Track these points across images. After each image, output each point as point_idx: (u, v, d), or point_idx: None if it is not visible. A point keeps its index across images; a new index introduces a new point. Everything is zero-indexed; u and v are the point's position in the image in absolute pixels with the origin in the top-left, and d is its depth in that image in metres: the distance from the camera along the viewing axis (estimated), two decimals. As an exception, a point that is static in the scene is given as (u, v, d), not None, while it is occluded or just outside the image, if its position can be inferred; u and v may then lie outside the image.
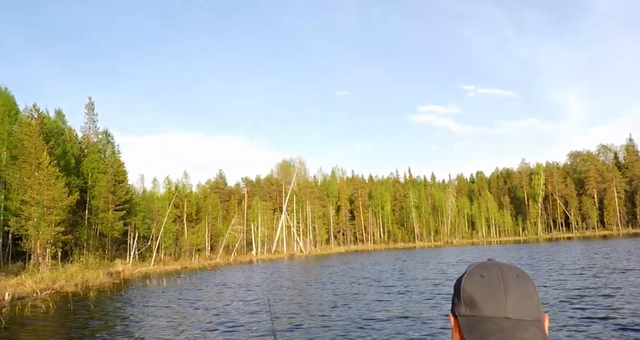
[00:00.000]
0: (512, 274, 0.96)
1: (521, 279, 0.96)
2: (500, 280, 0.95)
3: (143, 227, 56.88)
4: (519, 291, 0.94)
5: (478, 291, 0.95)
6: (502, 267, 0.98)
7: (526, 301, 0.93)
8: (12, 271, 34.16)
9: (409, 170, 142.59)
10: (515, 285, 0.94)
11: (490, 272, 0.97)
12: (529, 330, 0.89)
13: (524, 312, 0.92)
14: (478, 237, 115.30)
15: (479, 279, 0.97)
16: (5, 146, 43.42)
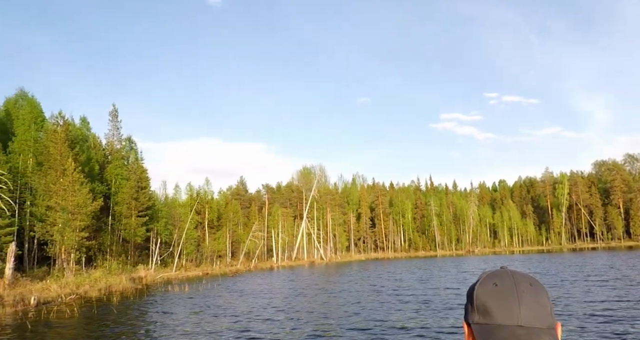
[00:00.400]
0: (526, 283, 0.96)
1: (534, 287, 0.96)
2: (513, 288, 0.95)
3: (165, 233, 57.33)
4: (532, 299, 0.93)
5: (491, 299, 0.95)
6: (515, 275, 0.98)
7: (539, 309, 0.93)
8: (38, 276, 34.65)
9: (430, 178, 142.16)
10: (528, 293, 0.94)
11: (503, 280, 0.97)
12: (542, 338, 0.89)
13: (537, 321, 0.91)
14: (500, 247, 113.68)
15: (492, 287, 0.97)
16: (32, 153, 44.23)
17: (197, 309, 19.93)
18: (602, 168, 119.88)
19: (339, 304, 19.13)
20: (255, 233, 69.96)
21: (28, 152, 44.20)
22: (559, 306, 15.62)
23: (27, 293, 24.78)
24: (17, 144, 43.72)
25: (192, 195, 76.31)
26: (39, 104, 50.22)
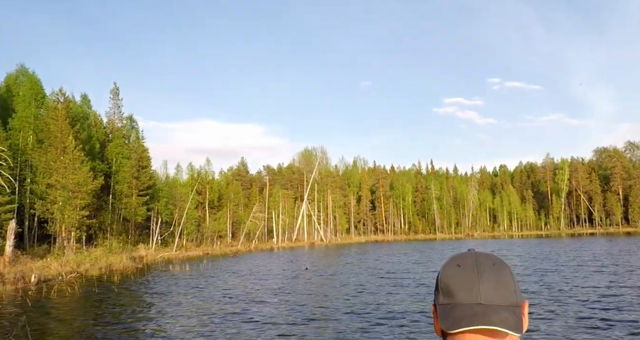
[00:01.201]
0: (488, 262, 0.98)
1: (497, 267, 0.97)
2: (474, 268, 0.96)
3: (166, 212, 57.28)
4: (493, 278, 0.95)
5: (453, 280, 0.96)
6: (479, 256, 1.00)
7: (500, 287, 0.94)
8: (38, 254, 34.61)
9: (431, 162, 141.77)
10: (489, 272, 0.96)
11: (466, 261, 0.99)
12: (501, 314, 0.90)
13: (498, 298, 0.93)
14: (499, 231, 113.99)
15: (455, 268, 0.98)
16: (32, 130, 43.90)
17: (197, 289, 19.85)
18: (602, 155, 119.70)
19: (336, 287, 19.04)
20: (256, 214, 69.97)
21: (28, 129, 43.86)
22: (552, 291, 15.50)
23: (28, 271, 24.72)
24: (17, 121, 43.36)
25: (193, 175, 76.17)
26: (40, 81, 49.68)
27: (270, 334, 10.24)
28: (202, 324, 11.81)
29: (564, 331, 9.74)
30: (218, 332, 10.79)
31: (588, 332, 9.55)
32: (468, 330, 0.91)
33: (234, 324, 11.61)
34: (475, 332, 0.91)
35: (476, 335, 0.92)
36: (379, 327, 10.89)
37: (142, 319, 13.29)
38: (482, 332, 0.91)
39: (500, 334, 0.91)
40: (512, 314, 0.92)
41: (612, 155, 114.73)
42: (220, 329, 10.99)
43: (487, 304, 0.92)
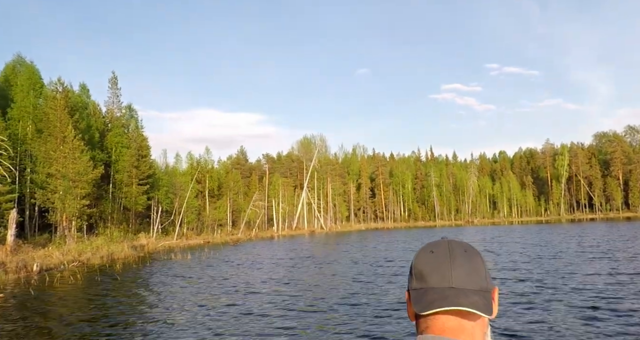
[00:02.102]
0: (460, 249, 1.01)
1: (468, 253, 1.01)
2: (447, 254, 1.00)
3: (166, 201, 57.36)
4: (465, 263, 0.98)
5: (426, 265, 1.00)
6: (452, 243, 1.03)
7: (472, 272, 0.98)
8: (39, 243, 34.72)
9: (430, 149, 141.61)
10: (461, 258, 0.99)
11: (439, 248, 1.02)
12: (471, 297, 0.94)
13: (469, 283, 0.96)
14: (499, 217, 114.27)
15: (428, 254, 1.02)
16: (31, 120, 43.78)
17: (199, 278, 19.94)
18: (602, 140, 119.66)
19: (337, 276, 19.12)
20: (256, 202, 70.07)
21: (27, 118, 43.74)
22: (552, 278, 15.55)
23: (30, 260, 24.81)
24: (16, 111, 43.22)
25: (193, 164, 76.15)
26: (38, 70, 49.49)
27: (270, 325, 10.28)
28: (202, 313, 11.84)
29: (562, 319, 9.72)
30: (219, 321, 10.84)
31: (586, 321, 9.49)
32: (439, 312, 0.95)
33: (234, 314, 11.64)
34: (447, 313, 0.95)
35: (447, 316, 0.95)
36: (379, 319, 10.94)
37: (145, 307, 13.37)
38: (453, 313, 0.95)
39: (470, 315, 0.95)
40: (482, 297, 0.95)
41: (612, 140, 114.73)
42: (221, 319, 11.03)
43: (459, 287, 0.95)
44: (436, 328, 0.96)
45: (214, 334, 9.53)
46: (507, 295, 12.56)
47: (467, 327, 0.96)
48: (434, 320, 0.97)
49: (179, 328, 10.24)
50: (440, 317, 0.96)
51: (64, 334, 10.27)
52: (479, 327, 0.97)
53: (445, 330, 0.96)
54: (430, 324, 0.97)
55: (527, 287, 13.83)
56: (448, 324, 0.96)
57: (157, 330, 10.15)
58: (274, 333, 9.37)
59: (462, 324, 0.96)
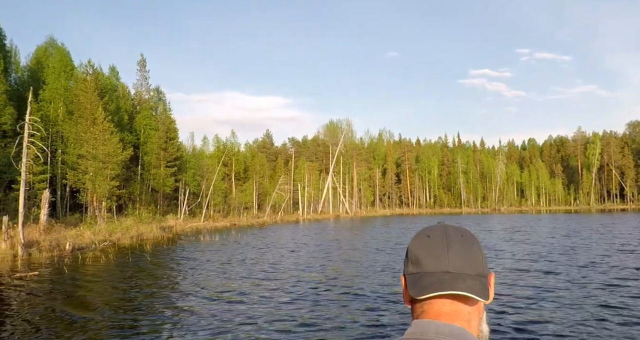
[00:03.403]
0: (457, 234, 1.00)
1: (465, 238, 1.00)
2: (444, 238, 0.99)
3: (193, 183, 57.84)
4: (461, 248, 0.97)
5: (423, 250, 0.99)
6: (448, 228, 1.02)
7: (468, 257, 0.97)
8: (71, 222, 35.33)
9: (457, 135, 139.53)
10: (458, 243, 0.98)
11: (435, 232, 1.01)
12: (467, 281, 0.93)
13: (465, 268, 0.95)
14: (527, 205, 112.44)
15: (424, 239, 1.01)
16: (62, 101, 44.36)
17: (228, 260, 19.96)
18: (636, 128, 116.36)
19: (365, 262, 18.92)
20: (282, 186, 70.19)
21: (59, 100, 44.33)
22: (577, 271, 14.99)
23: (62, 239, 25.23)
24: (48, 93, 43.82)
25: (219, 147, 76.56)
26: (68, 53, 49.94)
27: (294, 311, 10.07)
28: (232, 296, 11.72)
29: (583, 317, 8.99)
30: (249, 306, 10.72)
31: (611, 321, 8.67)
32: (436, 296, 0.94)
33: (264, 299, 11.51)
34: (443, 297, 0.94)
35: (443, 301, 0.95)
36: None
37: (175, 289, 13.36)
38: (449, 297, 0.94)
39: (467, 300, 0.95)
40: (478, 282, 0.94)
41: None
42: (250, 304, 10.89)
43: (455, 272, 0.94)
44: (432, 313, 0.95)
45: (242, 320, 9.43)
46: (531, 288, 11.90)
47: (463, 311, 0.95)
48: (430, 305, 0.96)
49: (208, 311, 10.16)
50: (436, 302, 0.95)
51: (97, 312, 10.30)
52: (475, 312, 0.97)
53: (441, 315, 0.95)
54: (426, 309, 0.96)
55: (553, 280, 13.04)
56: (444, 309, 0.95)
57: (186, 313, 10.10)
58: (295, 319, 9.18)
59: (458, 308, 0.95)
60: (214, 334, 7.99)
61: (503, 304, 9.98)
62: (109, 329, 8.60)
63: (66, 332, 8.57)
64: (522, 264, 16.51)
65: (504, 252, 20.04)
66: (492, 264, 16.15)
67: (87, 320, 9.38)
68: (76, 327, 8.92)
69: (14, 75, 48.15)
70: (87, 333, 8.45)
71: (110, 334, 8.19)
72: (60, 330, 8.77)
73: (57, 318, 9.85)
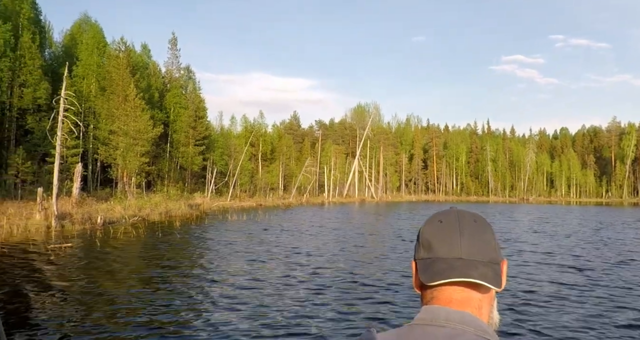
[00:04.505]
0: (470, 219, 0.98)
1: (478, 224, 0.98)
2: (456, 224, 0.97)
3: (221, 163, 58.22)
4: (474, 234, 0.95)
5: (435, 235, 0.97)
6: (461, 213, 1.00)
7: (481, 244, 0.95)
8: (101, 197, 35.92)
9: (487, 122, 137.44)
10: (471, 228, 0.96)
11: (448, 217, 0.99)
12: (479, 268, 0.91)
13: (478, 254, 0.93)
14: (556, 196, 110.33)
15: (437, 224, 0.99)
16: (95, 78, 44.82)
17: (256, 240, 19.99)
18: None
19: (380, 249, 18.71)
20: (308, 168, 70.18)
21: (91, 76, 44.81)
22: (605, 270, 14.22)
23: (94, 212, 25.64)
24: (81, 69, 44.32)
25: (247, 127, 76.78)
26: (102, 30, 50.37)
27: (315, 299, 9.91)
28: (259, 279, 11.58)
29: (600, 320, 8.13)
30: (276, 289, 10.58)
31: None
32: (447, 283, 0.92)
33: (288, 282, 11.36)
34: (454, 284, 0.93)
35: (454, 287, 0.93)
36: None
37: (203, 267, 13.36)
38: (460, 284, 0.93)
39: (478, 287, 0.93)
40: (490, 269, 0.92)
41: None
42: (277, 288, 10.75)
43: (468, 258, 0.92)
44: (442, 299, 0.94)
45: (263, 301, 9.35)
46: (552, 284, 11.14)
47: (474, 299, 0.94)
48: (441, 291, 0.95)
49: (234, 294, 10.11)
50: (447, 288, 0.94)
51: (126, 287, 10.37)
52: (486, 300, 0.95)
53: (452, 302, 0.93)
54: (436, 295, 0.95)
55: (578, 277, 12.09)
56: (455, 296, 0.93)
57: (213, 292, 10.07)
58: (314, 307, 9.02)
59: (469, 295, 0.93)
60: (239, 318, 7.89)
61: (520, 297, 9.59)
62: (137, 305, 8.59)
63: (96, 305, 8.64)
64: (546, 257, 15.72)
65: (528, 244, 19.35)
66: (515, 256, 15.61)
67: (117, 295, 9.43)
68: (106, 301, 8.97)
69: (48, 51, 48.84)
70: (116, 308, 8.49)
71: (137, 311, 8.17)
72: (91, 302, 8.83)
73: (88, 291, 9.93)
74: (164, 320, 7.58)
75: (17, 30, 38.91)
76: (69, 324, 7.42)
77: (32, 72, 38.36)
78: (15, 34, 38.44)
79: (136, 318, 7.67)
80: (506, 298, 9.43)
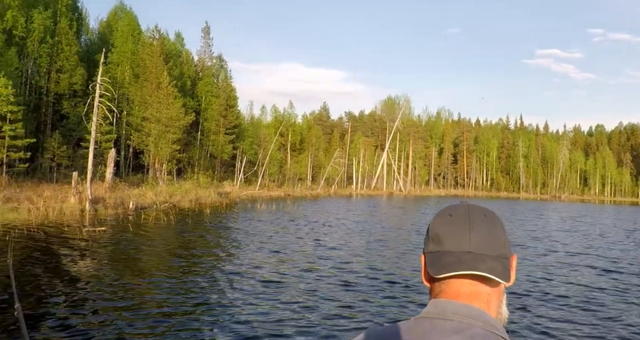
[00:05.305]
0: (480, 213, 0.98)
1: (488, 218, 0.97)
2: (466, 218, 0.96)
3: (250, 152, 58.48)
4: (484, 229, 0.95)
5: (444, 228, 0.97)
6: (471, 208, 0.99)
7: (490, 238, 0.94)
8: (133, 182, 36.42)
9: (520, 117, 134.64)
10: (481, 223, 0.96)
11: (458, 211, 0.99)
12: (488, 262, 0.91)
13: (487, 248, 0.93)
14: (590, 195, 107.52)
15: (446, 218, 0.98)
16: (129, 65, 45.34)
17: (287, 231, 19.92)
18: None
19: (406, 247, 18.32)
20: (337, 160, 69.95)
21: (126, 63, 45.34)
22: None
23: (126, 197, 25.96)
24: (116, 56, 44.88)
25: (277, 117, 76.88)
26: (136, 17, 50.88)
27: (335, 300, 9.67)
28: (283, 272, 11.26)
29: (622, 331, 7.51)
30: (299, 285, 10.37)
31: None
32: (455, 276, 0.92)
33: (312, 277, 11.11)
34: (462, 277, 0.92)
35: (462, 281, 0.93)
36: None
37: (231, 257, 13.28)
38: (469, 278, 0.92)
39: (487, 281, 0.92)
40: (499, 263, 0.92)
41: None
42: (301, 283, 10.51)
43: (476, 252, 0.92)
44: (450, 292, 0.94)
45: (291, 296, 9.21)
46: (579, 286, 10.49)
47: (482, 293, 0.93)
48: (449, 285, 0.94)
49: (257, 287, 9.98)
50: (455, 282, 0.93)
51: (158, 274, 10.38)
52: (495, 294, 0.94)
53: (460, 295, 0.93)
54: (445, 288, 0.95)
55: (606, 281, 11.24)
56: (463, 289, 0.93)
57: (240, 282, 9.97)
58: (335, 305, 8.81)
59: (477, 289, 0.93)
60: (263, 313, 7.72)
61: (542, 298, 9.18)
62: (162, 294, 8.52)
63: (127, 293, 8.63)
64: (575, 257, 14.91)
65: (557, 244, 18.52)
66: (541, 257, 14.88)
67: (145, 282, 9.44)
68: (135, 287, 8.98)
69: (84, 37, 49.63)
70: (151, 294, 8.48)
71: (161, 300, 8.09)
72: (122, 290, 8.83)
73: (123, 275, 9.96)
74: (182, 311, 7.49)
75: (55, 17, 39.57)
76: (100, 309, 7.42)
77: (68, 58, 39.00)
78: (54, 20, 39.11)
79: (154, 309, 7.52)
80: (529, 298, 9.10)
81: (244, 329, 6.60)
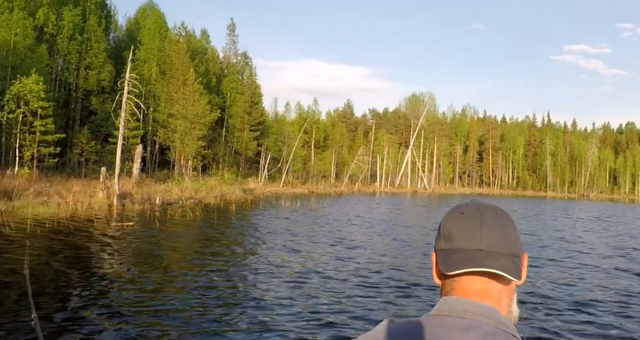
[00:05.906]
0: (491, 211, 0.98)
1: (499, 216, 0.97)
2: (477, 215, 0.96)
3: (274, 149, 58.70)
4: (495, 227, 0.95)
5: (456, 226, 0.97)
6: (482, 206, 1.00)
7: (501, 236, 0.94)
8: (159, 178, 36.84)
9: (547, 114, 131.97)
10: (492, 221, 0.96)
11: (469, 209, 0.99)
12: (500, 260, 0.91)
13: (498, 246, 0.93)
14: (619, 194, 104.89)
15: (458, 216, 0.99)
16: (156, 62, 45.88)
17: (308, 227, 19.91)
18: None
19: (431, 248, 18.07)
20: (360, 157, 69.75)
21: (152, 60, 45.89)
22: None
23: (152, 193, 26.26)
24: (143, 52, 45.43)
25: (301, 114, 76.94)
26: (163, 15, 51.48)
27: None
28: (312, 272, 11.19)
29: None
30: (321, 285, 10.29)
31: None
32: (466, 273, 0.92)
33: (334, 277, 11.02)
34: (473, 275, 0.92)
35: (473, 278, 0.93)
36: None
37: (256, 256, 13.23)
38: (480, 275, 0.92)
39: (498, 279, 0.92)
40: (510, 261, 0.92)
41: None
42: (322, 282, 10.45)
43: (488, 250, 0.92)
44: (461, 290, 0.94)
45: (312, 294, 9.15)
46: (607, 290, 10.09)
47: (493, 290, 0.93)
48: (460, 282, 0.94)
49: (284, 286, 9.95)
50: (466, 279, 0.93)
51: (183, 271, 10.44)
52: (506, 292, 0.94)
53: (470, 293, 0.93)
54: (455, 286, 0.95)
55: (633, 283, 10.94)
56: (474, 287, 0.93)
57: (264, 281, 9.96)
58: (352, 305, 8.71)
59: (488, 287, 0.93)
60: (289, 314, 7.67)
61: (563, 300, 8.98)
62: (193, 292, 8.56)
63: (154, 292, 8.70)
64: (599, 260, 14.30)
65: (583, 245, 18.02)
66: (563, 257, 14.38)
67: (176, 280, 9.49)
68: (165, 286, 9.01)
69: (112, 35, 50.40)
70: (176, 293, 8.53)
71: (193, 300, 8.12)
72: (152, 287, 8.90)
73: (149, 272, 10.05)
74: (210, 311, 7.50)
75: (84, 14, 40.25)
76: (128, 301, 7.49)
77: (97, 55, 39.66)
78: (83, 17, 39.78)
79: (179, 312, 7.51)
80: (552, 301, 8.88)
81: (266, 329, 6.58)
